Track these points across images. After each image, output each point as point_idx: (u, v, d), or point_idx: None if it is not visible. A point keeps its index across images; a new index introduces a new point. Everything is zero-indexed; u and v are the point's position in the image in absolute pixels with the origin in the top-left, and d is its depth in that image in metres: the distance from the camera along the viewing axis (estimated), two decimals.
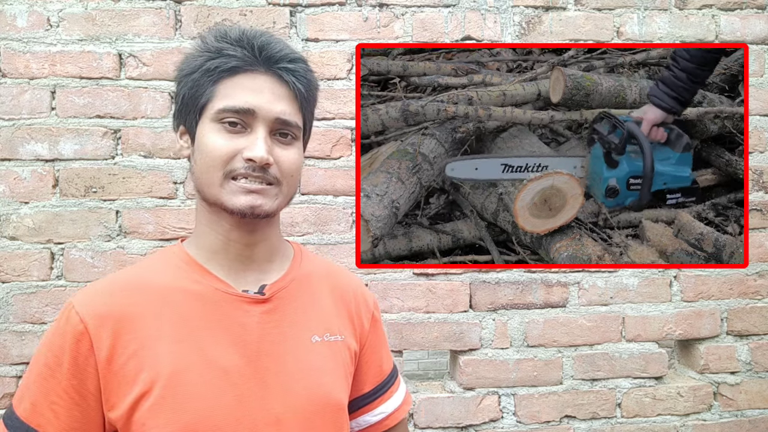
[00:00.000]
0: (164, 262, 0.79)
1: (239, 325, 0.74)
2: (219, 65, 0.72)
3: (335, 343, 0.81)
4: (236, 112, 0.71)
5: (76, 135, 1.35)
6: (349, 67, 1.42)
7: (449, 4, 1.44)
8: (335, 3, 1.41)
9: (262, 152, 0.70)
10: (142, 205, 1.37)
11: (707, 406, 1.50)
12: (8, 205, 1.34)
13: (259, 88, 0.72)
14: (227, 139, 0.72)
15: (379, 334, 0.92)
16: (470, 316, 1.45)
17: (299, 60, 0.76)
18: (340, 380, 0.80)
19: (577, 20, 1.47)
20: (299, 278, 0.83)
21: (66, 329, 0.70)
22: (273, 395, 0.73)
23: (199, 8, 1.37)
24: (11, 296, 1.33)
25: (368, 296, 0.92)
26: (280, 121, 0.73)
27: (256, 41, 0.73)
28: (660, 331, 1.50)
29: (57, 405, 0.69)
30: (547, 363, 1.46)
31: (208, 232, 0.78)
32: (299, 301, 0.80)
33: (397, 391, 0.93)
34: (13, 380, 1.33)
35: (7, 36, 1.34)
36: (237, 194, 0.71)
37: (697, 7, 1.50)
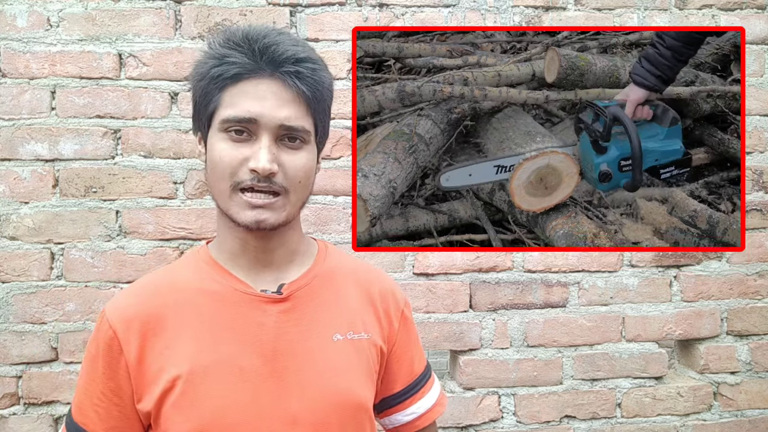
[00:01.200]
0: (189, 263, 0.81)
1: (257, 324, 0.75)
2: (222, 72, 0.71)
3: (359, 341, 0.80)
4: (239, 121, 0.70)
5: (76, 135, 1.35)
6: (349, 67, 1.42)
7: (449, 4, 1.44)
8: (335, 3, 1.41)
9: (265, 163, 0.69)
10: (142, 205, 1.37)
11: (707, 406, 1.50)
12: (8, 205, 1.34)
13: (263, 95, 0.71)
14: (232, 148, 0.71)
15: (410, 333, 0.91)
16: (470, 316, 1.45)
17: (305, 60, 0.73)
18: (362, 379, 0.80)
19: (577, 20, 1.47)
20: (322, 276, 0.82)
21: (99, 336, 0.75)
22: (290, 394, 0.74)
23: (199, 8, 1.37)
24: (11, 296, 1.33)
25: (399, 294, 0.91)
26: (285, 127, 0.71)
27: (259, 44, 0.71)
28: (660, 331, 1.50)
29: (98, 406, 0.74)
30: (547, 363, 1.46)
31: (227, 235, 0.79)
32: (321, 299, 0.80)
33: (430, 391, 0.92)
34: (14, 380, 1.33)
35: (7, 36, 1.34)
36: (243, 209, 0.71)
37: (697, 7, 1.50)
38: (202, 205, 1.38)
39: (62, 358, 1.34)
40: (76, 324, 1.34)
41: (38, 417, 1.34)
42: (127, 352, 0.73)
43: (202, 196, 1.38)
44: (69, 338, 1.34)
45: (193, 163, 1.37)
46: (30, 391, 1.33)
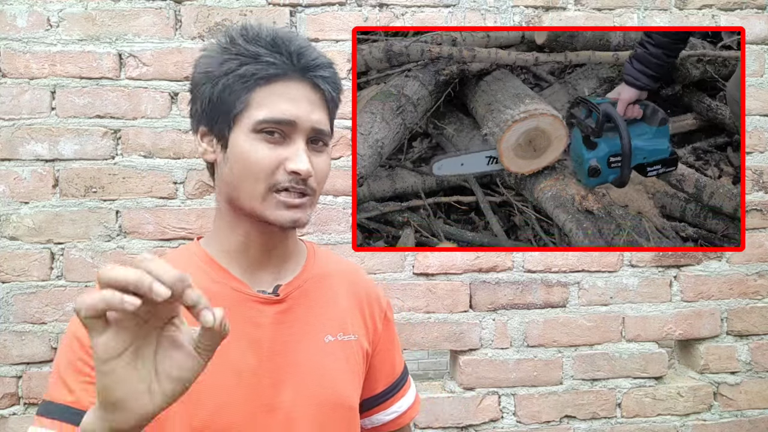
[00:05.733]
0: (185, 260, 0.80)
1: (254, 325, 0.75)
2: (256, 72, 0.69)
3: (348, 343, 0.81)
4: (278, 123, 0.70)
5: (76, 135, 1.35)
6: (349, 67, 1.42)
7: (449, 4, 1.44)
8: (335, 3, 1.41)
9: (307, 165, 0.70)
10: (142, 205, 1.37)
11: (707, 406, 1.50)
12: (8, 205, 1.34)
13: (296, 97, 0.71)
14: (269, 149, 0.70)
15: (392, 335, 0.93)
16: (470, 316, 1.45)
17: (330, 65, 0.75)
18: (352, 380, 0.81)
19: (577, 20, 1.47)
20: (314, 277, 0.83)
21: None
22: (285, 394, 0.74)
23: (199, 8, 1.37)
24: (11, 296, 1.33)
25: (381, 296, 0.93)
26: (316, 130, 0.72)
27: (292, 46, 0.71)
28: (660, 331, 1.50)
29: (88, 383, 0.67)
30: (547, 363, 1.46)
31: (228, 233, 0.78)
32: (314, 301, 0.81)
33: (409, 390, 0.95)
34: (13, 380, 1.33)
35: (7, 36, 1.34)
36: (280, 208, 0.71)
37: (697, 7, 1.50)
38: (202, 205, 1.38)
39: None
40: None
41: None
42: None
43: (202, 196, 1.38)
44: None
45: (193, 163, 1.37)
46: (30, 391, 1.33)
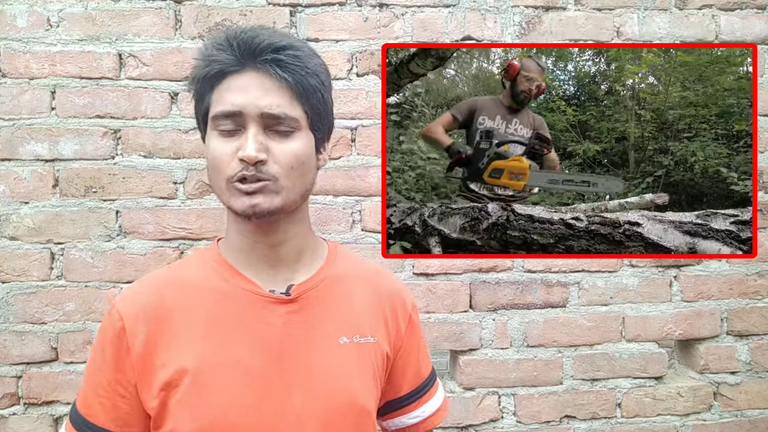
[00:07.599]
0: (199, 260, 0.82)
1: (264, 325, 0.75)
2: (207, 73, 0.73)
3: (365, 345, 0.80)
4: (226, 115, 0.71)
5: (76, 135, 1.35)
6: (349, 67, 1.42)
7: (449, 4, 1.44)
8: (335, 3, 1.41)
9: (252, 151, 0.69)
10: (142, 205, 1.37)
11: (707, 406, 1.50)
12: (8, 205, 1.34)
13: (246, 87, 0.71)
14: (224, 143, 0.72)
15: (418, 337, 0.91)
16: (470, 316, 1.45)
17: (286, 48, 0.72)
18: (366, 383, 0.79)
19: (577, 20, 1.47)
20: (331, 278, 0.82)
21: (107, 326, 0.75)
22: (295, 396, 0.73)
23: (199, 8, 1.37)
24: (11, 296, 1.33)
25: (407, 298, 0.91)
26: (268, 115, 0.71)
27: (238, 39, 0.71)
28: (660, 331, 1.50)
29: (103, 398, 0.74)
30: (547, 363, 1.46)
31: (234, 233, 0.79)
32: (329, 301, 0.80)
33: (435, 395, 0.92)
34: (14, 380, 1.33)
35: (7, 36, 1.33)
36: (238, 197, 0.72)
37: (697, 7, 1.50)
38: (202, 205, 1.38)
39: (62, 358, 1.34)
40: (76, 324, 1.34)
41: (38, 417, 1.34)
42: (133, 343, 0.73)
43: (202, 196, 1.38)
44: (69, 338, 1.34)
45: (193, 163, 1.37)
46: (30, 391, 1.33)
